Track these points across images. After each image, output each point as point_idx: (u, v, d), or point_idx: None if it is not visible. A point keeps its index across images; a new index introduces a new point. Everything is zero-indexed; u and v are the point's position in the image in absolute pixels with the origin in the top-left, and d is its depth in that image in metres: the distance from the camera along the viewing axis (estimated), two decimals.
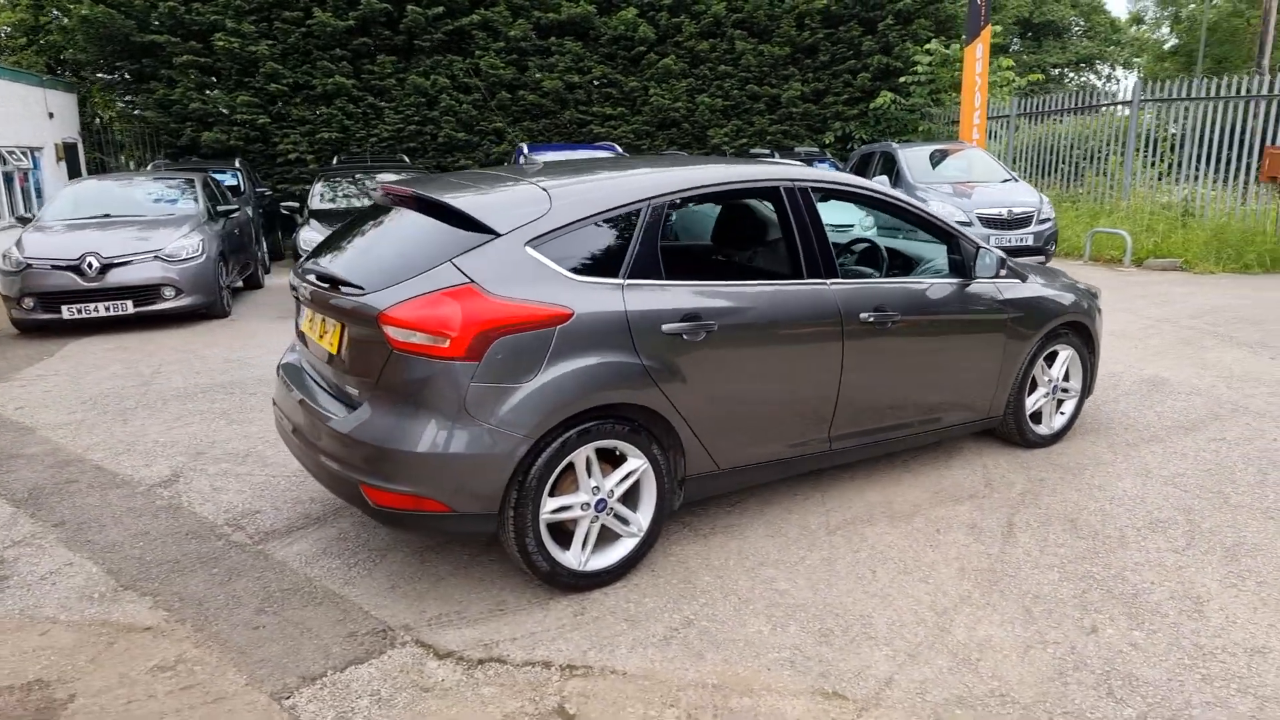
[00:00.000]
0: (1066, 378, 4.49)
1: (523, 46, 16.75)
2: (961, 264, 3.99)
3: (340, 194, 9.59)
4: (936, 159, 11.95)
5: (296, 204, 9.32)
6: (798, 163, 7.26)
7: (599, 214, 3.08)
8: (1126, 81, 40.44)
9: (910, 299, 3.76)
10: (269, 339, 7.49)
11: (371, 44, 16.10)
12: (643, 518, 3.17)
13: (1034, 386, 4.37)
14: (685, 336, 3.11)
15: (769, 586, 3.12)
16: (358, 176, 10.16)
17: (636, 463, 3.11)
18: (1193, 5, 28.03)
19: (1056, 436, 4.49)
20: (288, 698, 2.50)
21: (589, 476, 3.03)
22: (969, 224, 10.09)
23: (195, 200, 8.87)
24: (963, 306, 3.94)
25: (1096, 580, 3.11)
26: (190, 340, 7.52)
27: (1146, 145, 13.26)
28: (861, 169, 12.50)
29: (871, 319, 3.57)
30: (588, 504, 3.04)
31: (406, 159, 14.60)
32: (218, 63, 15.40)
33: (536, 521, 2.92)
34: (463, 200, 3.06)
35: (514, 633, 2.84)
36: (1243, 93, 11.85)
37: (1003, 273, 4.03)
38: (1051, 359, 4.40)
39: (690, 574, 3.21)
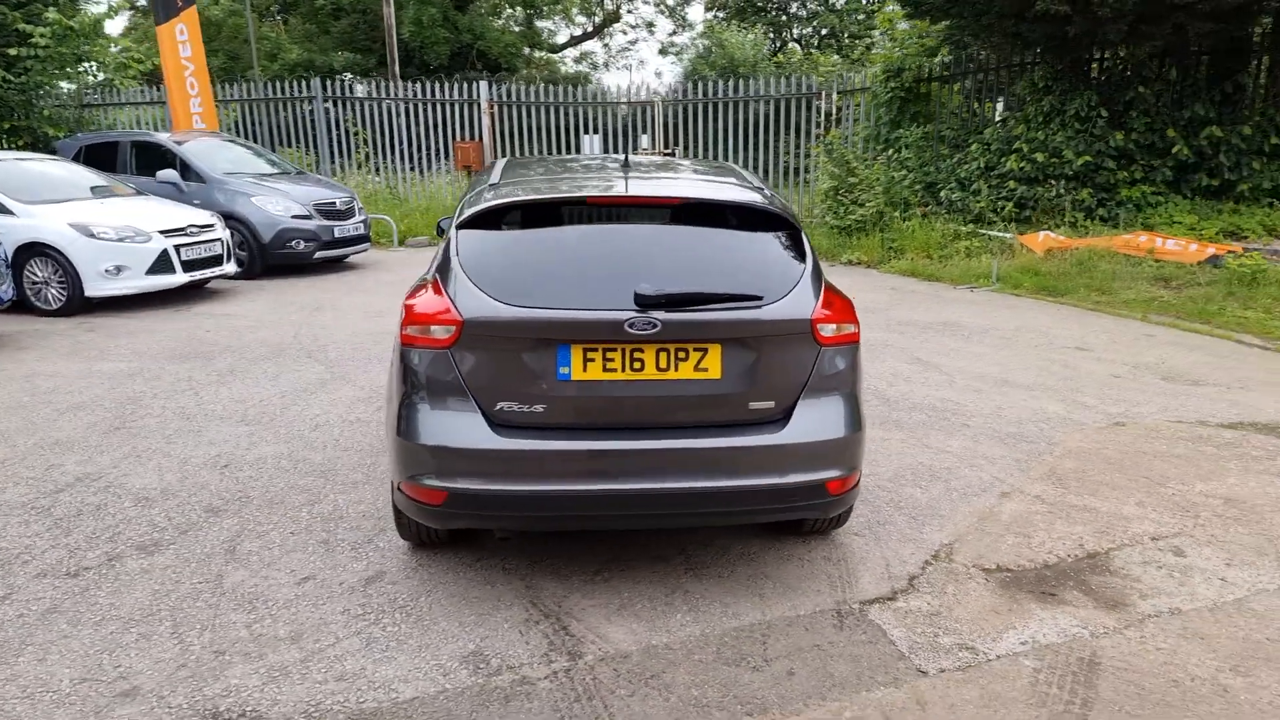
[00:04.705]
0: None
1: None
2: None
3: None
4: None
5: None
6: None
7: None
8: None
9: None
10: None
11: None
12: None
13: None
14: None
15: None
16: None
17: None
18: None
19: None
20: None
21: None
22: (309, 216, 10.48)
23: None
24: None
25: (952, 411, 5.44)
26: None
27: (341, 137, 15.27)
28: (100, 161, 10.80)
29: None
30: None
31: None
32: None
33: None
34: (760, 202, 3.24)
35: (879, 583, 3.49)
36: (397, 96, 15.01)
37: None
38: None
39: None
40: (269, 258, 10.33)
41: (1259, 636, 2.97)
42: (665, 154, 13.83)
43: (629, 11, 34.11)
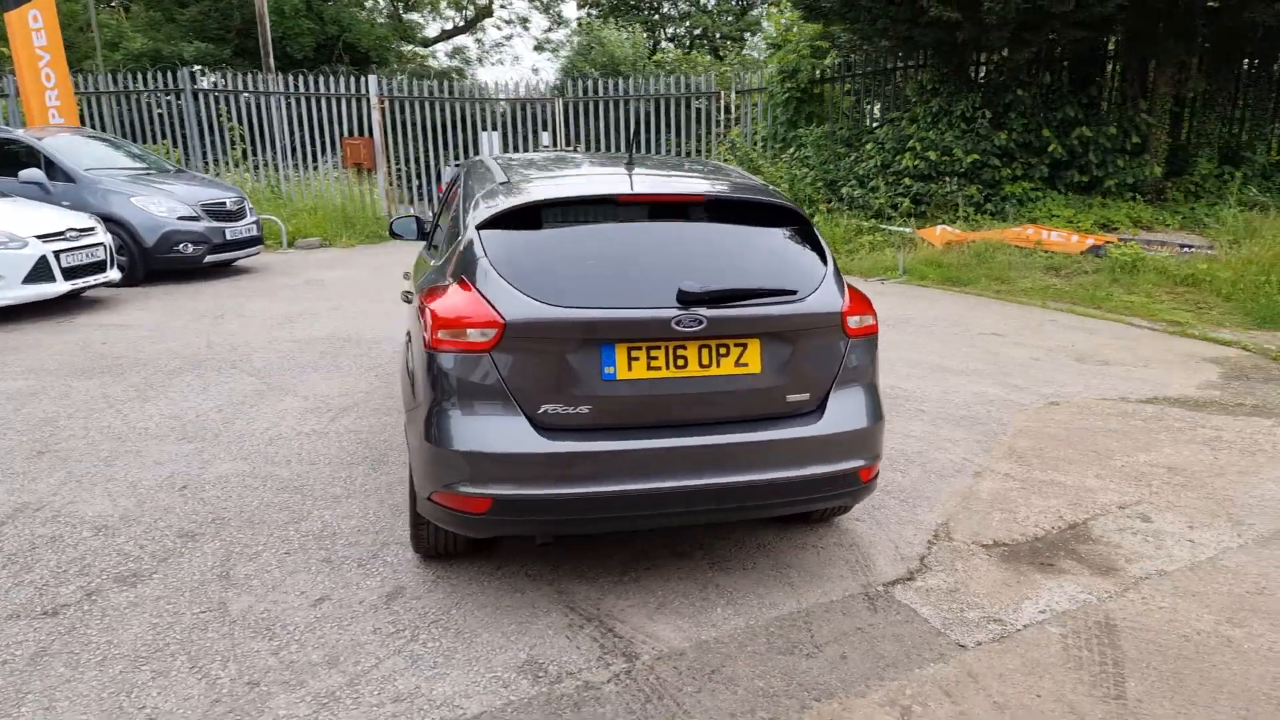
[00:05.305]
0: None
1: None
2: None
3: None
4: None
5: None
6: None
7: None
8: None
9: None
10: None
11: None
12: None
13: None
14: None
15: None
16: None
17: None
18: None
19: None
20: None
21: None
22: (197, 218, 9.85)
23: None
24: None
25: None
26: None
27: (211, 132, 14.36)
28: None
29: None
30: None
31: None
32: None
33: None
34: (780, 199, 3.30)
35: (894, 565, 3.63)
36: (274, 89, 14.30)
37: None
38: None
39: None
40: (153, 263, 9.63)
41: (1240, 591, 3.28)
42: (567, 150, 13.76)
43: (502, 7, 33.70)
